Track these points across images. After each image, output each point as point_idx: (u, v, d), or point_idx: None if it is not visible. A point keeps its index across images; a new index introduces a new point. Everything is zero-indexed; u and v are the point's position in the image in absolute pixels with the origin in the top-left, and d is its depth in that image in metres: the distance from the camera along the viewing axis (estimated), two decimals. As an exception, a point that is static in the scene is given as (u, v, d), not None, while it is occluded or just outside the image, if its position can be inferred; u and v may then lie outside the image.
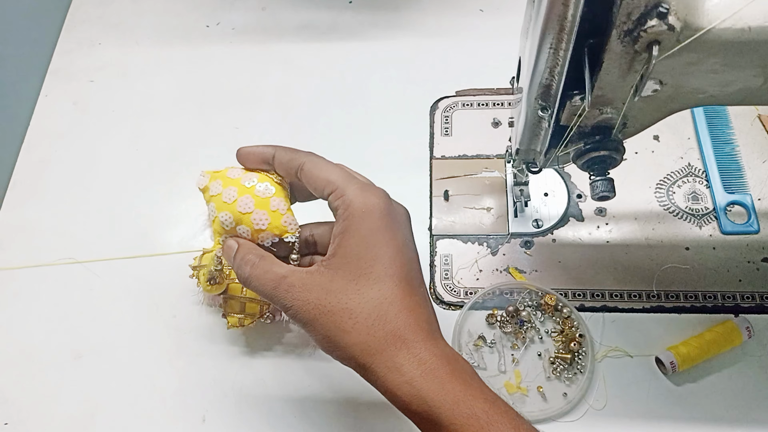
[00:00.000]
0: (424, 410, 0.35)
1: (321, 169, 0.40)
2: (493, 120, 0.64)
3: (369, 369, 0.36)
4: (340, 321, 0.36)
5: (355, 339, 0.36)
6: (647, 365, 0.51)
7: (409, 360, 0.35)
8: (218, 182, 0.44)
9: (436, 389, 0.35)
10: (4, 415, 0.53)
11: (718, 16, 0.32)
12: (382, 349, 0.36)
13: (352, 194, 0.38)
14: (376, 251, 0.37)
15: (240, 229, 0.44)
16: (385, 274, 0.37)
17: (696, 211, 0.58)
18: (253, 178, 0.44)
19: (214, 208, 0.44)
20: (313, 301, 0.37)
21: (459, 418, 0.34)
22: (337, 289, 0.37)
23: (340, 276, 0.37)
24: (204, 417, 0.52)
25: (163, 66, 0.71)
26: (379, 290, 0.37)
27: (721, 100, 0.39)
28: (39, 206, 0.63)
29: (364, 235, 0.37)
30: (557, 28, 0.34)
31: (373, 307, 0.36)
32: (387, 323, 0.36)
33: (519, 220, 0.59)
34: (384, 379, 0.36)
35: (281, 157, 0.42)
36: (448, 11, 0.72)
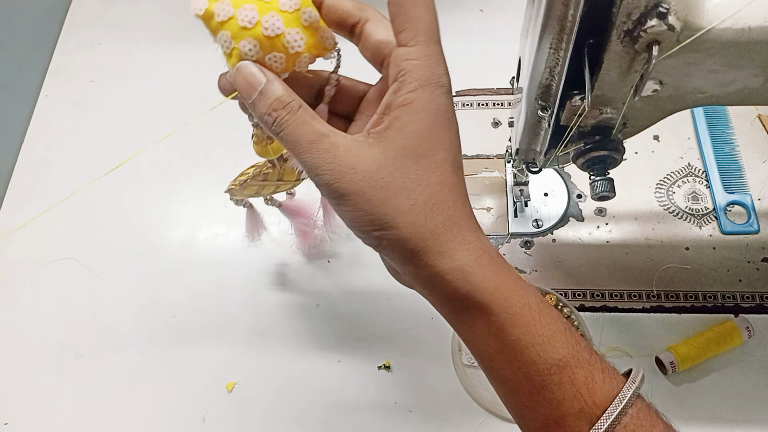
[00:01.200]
0: (474, 297, 0.33)
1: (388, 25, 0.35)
2: (493, 120, 0.64)
3: (419, 253, 0.33)
4: (395, 199, 0.33)
5: (411, 219, 0.33)
6: (647, 365, 0.51)
7: (463, 247, 0.33)
8: (224, 2, 0.34)
9: (491, 276, 0.33)
10: (4, 415, 0.53)
11: (718, 16, 0.32)
12: (438, 234, 0.33)
13: (422, 68, 0.34)
14: (442, 134, 0.34)
15: (270, 59, 0.35)
16: (446, 159, 0.34)
17: (696, 211, 0.58)
18: None
19: (230, 38, 0.35)
20: (361, 171, 0.33)
21: (512, 307, 0.32)
22: (393, 165, 0.33)
23: (397, 152, 0.33)
24: (204, 417, 0.52)
25: (163, 66, 0.71)
26: (440, 174, 0.34)
27: (721, 100, 0.39)
28: (39, 206, 0.63)
29: (432, 115, 0.34)
30: (557, 28, 0.34)
31: (433, 191, 0.33)
32: (445, 209, 0.34)
33: (519, 220, 0.58)
34: (435, 263, 0.33)
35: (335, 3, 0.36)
36: (448, 11, 0.72)
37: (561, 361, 0.32)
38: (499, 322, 0.32)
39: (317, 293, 0.57)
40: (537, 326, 0.32)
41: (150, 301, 0.57)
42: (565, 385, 0.31)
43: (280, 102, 0.33)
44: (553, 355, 0.32)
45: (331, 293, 0.56)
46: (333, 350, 0.54)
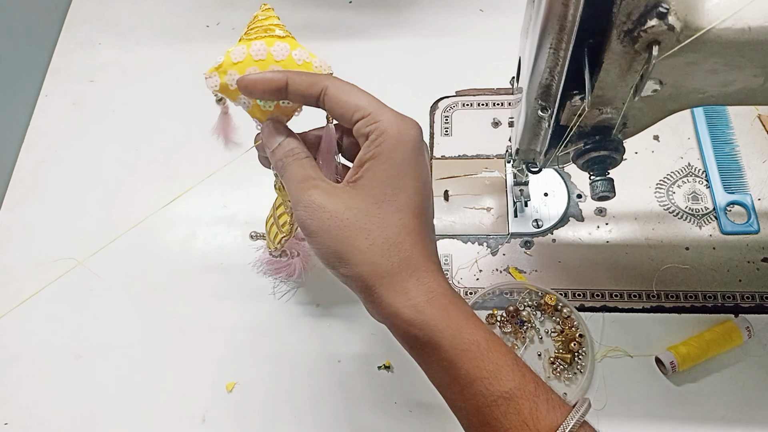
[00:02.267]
0: (425, 334, 0.35)
1: (349, 93, 0.39)
2: (493, 120, 0.64)
3: (374, 290, 0.36)
4: (355, 238, 0.36)
5: (368, 258, 0.36)
6: (647, 365, 0.51)
7: (418, 286, 0.36)
8: (231, 73, 0.41)
9: (441, 315, 0.35)
10: (4, 415, 0.53)
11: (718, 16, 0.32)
12: (393, 273, 0.36)
13: (387, 122, 0.38)
14: (404, 181, 0.38)
15: (284, 102, 0.42)
16: (407, 204, 0.37)
17: (696, 211, 0.58)
18: (260, 48, 0.41)
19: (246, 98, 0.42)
20: (331, 210, 0.37)
21: (461, 344, 0.35)
22: (358, 207, 0.37)
23: (363, 197, 0.37)
24: (204, 417, 0.52)
25: (163, 66, 0.71)
26: (400, 219, 0.37)
27: (721, 100, 0.39)
28: (39, 206, 0.63)
29: (395, 164, 0.37)
30: (557, 28, 0.34)
31: (391, 233, 0.37)
32: (402, 251, 0.37)
33: (519, 220, 0.58)
34: (390, 301, 0.36)
35: (298, 83, 0.40)
36: (448, 11, 0.72)
37: (507, 393, 0.34)
38: (449, 357, 0.35)
39: (318, 293, 0.57)
40: (484, 361, 0.35)
41: (150, 301, 0.57)
42: (511, 415, 0.34)
43: (291, 152, 0.41)
44: (500, 388, 0.34)
45: (332, 293, 0.56)
46: (333, 350, 0.54)
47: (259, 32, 0.43)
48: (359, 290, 0.37)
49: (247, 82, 0.41)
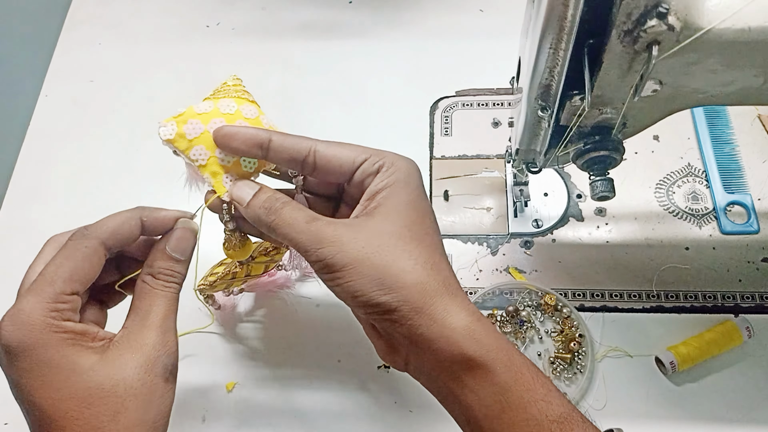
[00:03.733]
0: (480, 355, 0.33)
1: (341, 146, 0.39)
2: (493, 120, 0.64)
3: (425, 312, 0.34)
4: (399, 260, 0.35)
5: (416, 278, 0.34)
6: (647, 365, 0.51)
7: (464, 307, 0.35)
8: (194, 122, 0.39)
9: (492, 336, 0.34)
10: (4, 415, 0.53)
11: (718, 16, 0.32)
12: (441, 293, 0.35)
13: (394, 157, 0.38)
14: (424, 206, 0.38)
15: (244, 161, 0.40)
16: (432, 228, 0.37)
17: (696, 211, 0.58)
18: (230, 104, 0.40)
19: (204, 149, 0.39)
20: (362, 240, 0.35)
21: (514, 366, 0.34)
22: (389, 232, 0.35)
23: (392, 221, 0.36)
24: (204, 417, 0.52)
25: (163, 66, 0.71)
26: (432, 241, 0.37)
27: (721, 100, 0.39)
28: (39, 206, 0.63)
29: (413, 191, 0.38)
30: (557, 28, 0.34)
31: (429, 255, 0.36)
32: (441, 272, 0.36)
33: (519, 220, 0.58)
34: (442, 321, 0.34)
35: (282, 143, 0.38)
36: (448, 11, 0.72)
37: (560, 417, 0.33)
38: (503, 380, 0.33)
39: (318, 294, 0.57)
40: (536, 384, 0.33)
41: (150, 301, 0.57)
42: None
43: (274, 197, 0.38)
44: (553, 412, 0.33)
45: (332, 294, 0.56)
46: (333, 350, 0.54)
47: (230, 93, 0.42)
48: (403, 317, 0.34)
49: (227, 132, 0.39)
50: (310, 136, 0.40)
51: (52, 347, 0.33)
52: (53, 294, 0.34)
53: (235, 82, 0.44)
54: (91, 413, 0.33)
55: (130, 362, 0.34)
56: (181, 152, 0.41)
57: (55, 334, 0.33)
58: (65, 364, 0.33)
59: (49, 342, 0.33)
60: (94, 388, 0.33)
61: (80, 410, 0.33)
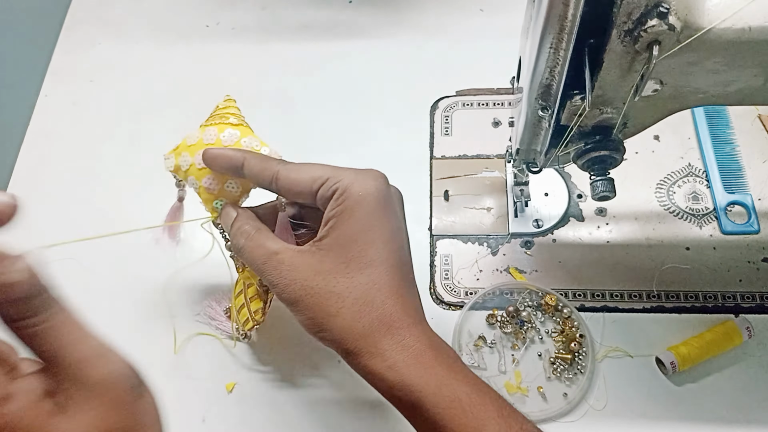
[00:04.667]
0: (406, 395, 0.35)
1: (301, 170, 0.40)
2: (493, 120, 0.64)
3: (353, 353, 0.36)
4: (326, 303, 0.37)
5: (340, 323, 0.36)
6: (647, 365, 0.51)
7: (394, 346, 0.36)
8: (185, 155, 0.44)
9: (420, 374, 0.35)
10: (4, 416, 0.53)
11: (718, 16, 0.32)
12: (367, 334, 0.36)
13: (348, 179, 0.38)
14: (370, 235, 0.37)
15: (228, 186, 0.43)
16: (377, 259, 0.37)
17: (696, 211, 0.58)
18: (212, 133, 0.44)
19: (195, 180, 0.44)
20: (300, 281, 0.37)
21: (442, 402, 0.34)
22: (326, 270, 0.37)
23: (330, 258, 0.37)
24: (204, 417, 0.52)
25: (163, 66, 0.71)
26: (369, 275, 0.37)
27: (721, 100, 0.39)
28: (39, 206, 0.63)
29: (360, 219, 0.37)
30: (557, 28, 0.34)
31: (361, 292, 0.36)
32: (374, 309, 0.36)
33: (519, 220, 0.58)
34: (367, 363, 0.36)
35: (252, 166, 0.41)
36: (448, 11, 0.72)
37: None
38: (432, 416, 0.34)
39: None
40: (467, 417, 0.34)
41: (150, 300, 0.57)
42: None
43: (240, 230, 0.41)
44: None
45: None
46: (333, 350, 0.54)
47: (215, 119, 0.45)
48: (340, 354, 0.38)
49: (209, 155, 0.42)
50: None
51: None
52: None
53: (225, 105, 0.47)
54: None
55: None
56: (178, 180, 0.46)
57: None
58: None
59: None
60: None
61: None
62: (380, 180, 0.39)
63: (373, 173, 0.39)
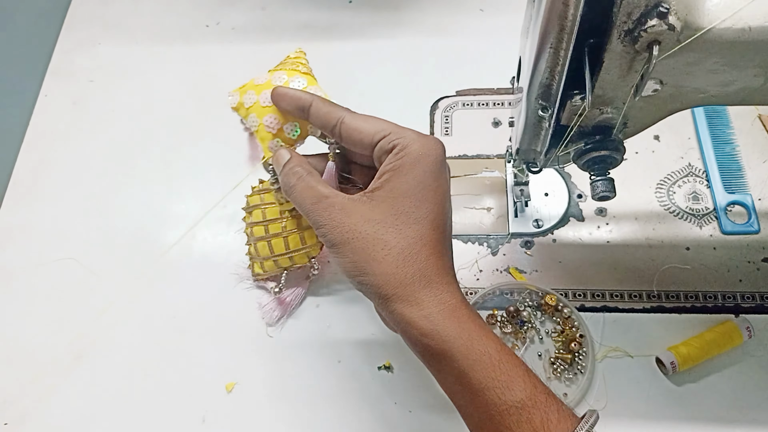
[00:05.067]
0: (438, 344, 0.36)
1: (366, 120, 0.41)
2: (493, 120, 0.64)
3: (390, 300, 0.37)
4: (373, 249, 0.37)
5: (384, 269, 0.37)
6: (647, 365, 0.51)
7: (431, 297, 0.37)
8: (250, 93, 0.44)
9: (454, 326, 0.36)
10: (4, 415, 0.53)
11: (718, 16, 0.32)
12: (408, 283, 0.37)
13: (410, 138, 0.39)
14: (423, 194, 0.39)
15: (287, 128, 0.44)
16: (426, 217, 0.38)
17: (696, 211, 0.58)
18: (282, 76, 0.44)
19: (256, 117, 0.44)
20: (349, 224, 0.38)
21: (473, 354, 0.35)
22: (376, 219, 0.38)
23: (382, 208, 0.38)
24: (204, 417, 0.52)
25: (163, 66, 0.71)
26: (417, 230, 0.38)
27: (721, 100, 0.39)
28: (39, 206, 0.63)
29: (416, 177, 0.38)
30: (557, 28, 0.34)
31: (407, 244, 0.37)
32: (417, 262, 0.37)
33: (519, 220, 0.58)
34: (403, 310, 0.37)
35: (319, 108, 0.42)
36: (448, 11, 0.72)
37: (519, 403, 0.35)
38: (461, 366, 0.36)
39: (318, 294, 0.57)
40: (496, 371, 0.35)
41: (150, 300, 0.57)
42: (523, 423, 0.34)
43: (293, 171, 0.42)
44: (512, 397, 0.35)
45: (332, 294, 0.56)
46: (333, 350, 0.54)
47: (286, 65, 0.46)
48: (376, 300, 0.38)
49: (279, 92, 0.44)
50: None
51: None
52: None
53: (296, 55, 0.48)
54: None
55: None
56: (241, 118, 0.46)
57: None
58: None
59: None
60: None
61: None
62: (440, 146, 0.40)
63: (434, 139, 0.40)
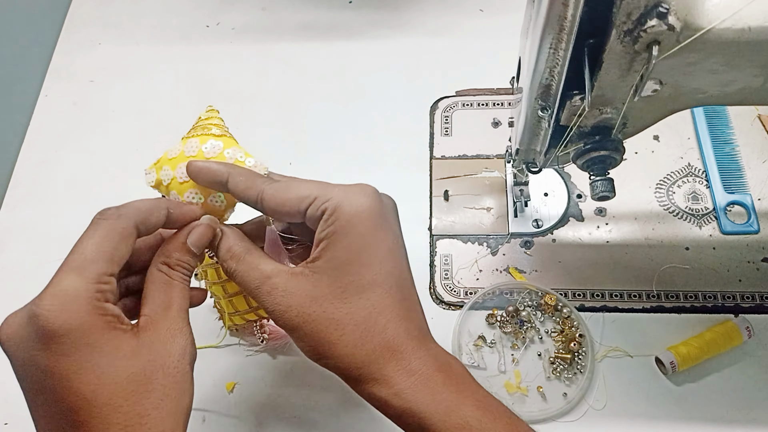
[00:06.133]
0: (415, 421, 0.34)
1: (288, 189, 0.37)
2: (493, 120, 0.64)
3: (357, 381, 0.35)
4: (325, 332, 0.35)
5: (341, 351, 0.35)
6: (647, 365, 0.51)
7: (399, 371, 0.35)
8: (166, 168, 0.42)
9: (427, 400, 0.34)
10: (4, 415, 0.53)
11: (718, 16, 0.32)
12: (370, 362, 0.35)
13: (338, 198, 0.36)
14: (365, 257, 0.35)
15: (211, 200, 0.41)
16: (374, 281, 0.35)
17: (696, 211, 0.58)
18: (193, 145, 0.41)
19: (177, 194, 0.41)
20: (296, 307, 0.35)
21: (451, 429, 0.33)
22: (322, 296, 0.35)
23: (325, 282, 0.35)
24: (204, 417, 0.52)
25: (163, 66, 0.71)
26: (368, 299, 0.35)
27: (721, 100, 0.39)
28: (39, 206, 0.63)
29: (353, 240, 0.35)
30: (557, 28, 0.34)
31: (361, 318, 0.35)
32: (376, 334, 0.35)
33: (519, 220, 0.58)
34: (372, 391, 0.35)
35: (237, 183, 0.38)
36: (448, 11, 0.72)
37: None
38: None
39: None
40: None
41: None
42: None
43: (229, 252, 0.38)
44: None
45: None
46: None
47: (197, 131, 0.43)
48: (345, 381, 0.36)
49: (193, 168, 0.40)
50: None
51: (97, 330, 0.32)
52: (97, 274, 0.33)
53: (207, 115, 0.45)
54: (136, 400, 0.32)
55: (167, 349, 0.34)
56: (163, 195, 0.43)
57: (100, 317, 0.32)
58: (108, 349, 0.32)
59: (95, 324, 0.32)
60: (138, 374, 0.32)
61: (124, 396, 0.31)
62: (371, 195, 0.36)
63: (363, 188, 0.37)
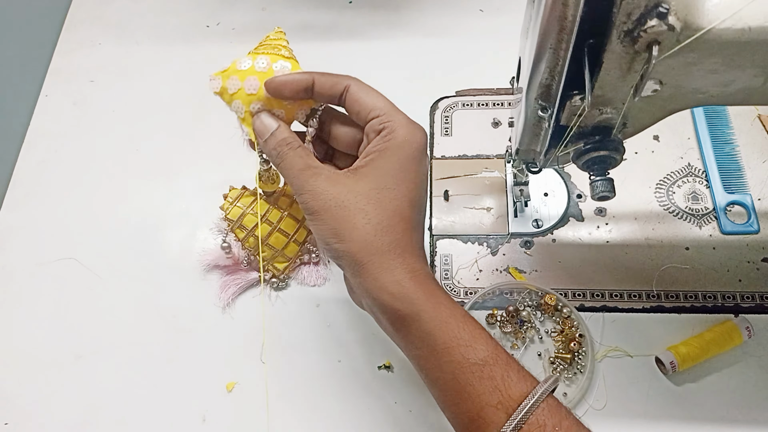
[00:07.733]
0: (407, 306, 0.38)
1: (368, 93, 0.43)
2: (493, 120, 0.64)
3: (365, 266, 0.39)
4: (353, 217, 0.40)
5: (362, 236, 0.39)
6: (647, 365, 0.51)
7: (403, 266, 0.39)
8: (233, 78, 0.45)
9: (422, 291, 0.39)
10: (4, 415, 0.53)
11: (718, 16, 0.32)
12: (383, 252, 0.39)
13: (399, 122, 0.42)
14: (405, 175, 0.41)
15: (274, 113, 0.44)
16: (405, 195, 0.41)
17: (696, 211, 0.58)
18: (264, 61, 0.44)
19: (241, 104, 0.44)
20: (333, 193, 0.40)
21: (439, 315, 0.38)
22: (359, 191, 0.40)
23: (366, 182, 0.41)
24: (204, 417, 0.52)
25: (163, 66, 0.71)
26: (396, 205, 0.41)
27: (721, 100, 0.39)
28: (39, 206, 0.63)
29: (399, 160, 0.41)
30: (557, 28, 0.34)
31: (386, 216, 0.40)
32: (394, 233, 0.40)
33: (519, 220, 0.59)
34: (378, 276, 0.39)
35: (322, 83, 0.43)
36: (448, 11, 0.72)
37: (482, 360, 0.37)
38: (428, 328, 0.38)
39: (318, 293, 0.57)
40: (461, 332, 0.38)
41: (150, 301, 0.57)
42: (485, 380, 0.36)
43: (284, 141, 0.43)
44: (474, 356, 0.37)
45: (332, 293, 0.56)
46: (333, 350, 0.54)
47: (267, 48, 0.46)
48: (349, 266, 0.40)
49: (276, 83, 0.43)
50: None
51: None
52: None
53: (276, 36, 0.48)
54: None
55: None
56: (226, 104, 0.46)
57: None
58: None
59: None
60: None
61: None
62: (425, 136, 0.43)
63: (420, 127, 0.43)
